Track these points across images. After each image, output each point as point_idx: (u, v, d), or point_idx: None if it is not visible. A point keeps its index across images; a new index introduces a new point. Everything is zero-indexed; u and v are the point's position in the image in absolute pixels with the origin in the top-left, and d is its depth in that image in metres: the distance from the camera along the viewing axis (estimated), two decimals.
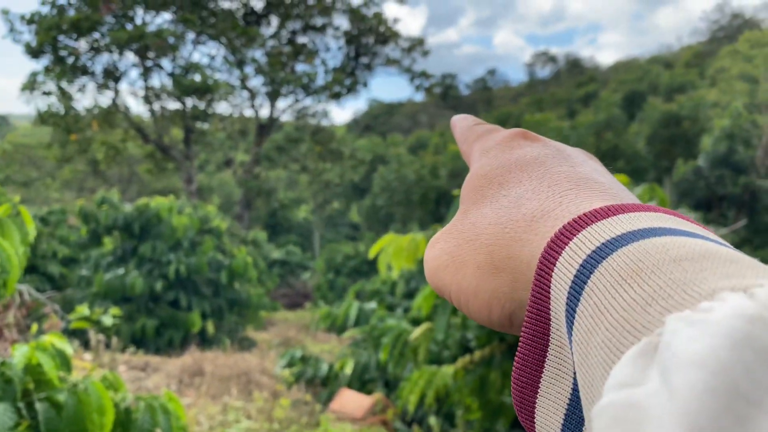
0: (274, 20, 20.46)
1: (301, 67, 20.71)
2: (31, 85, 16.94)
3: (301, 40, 20.83)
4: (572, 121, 24.58)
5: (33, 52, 16.67)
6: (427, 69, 22.48)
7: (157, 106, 18.78)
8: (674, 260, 0.19)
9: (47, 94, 17.14)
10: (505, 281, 0.26)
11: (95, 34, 16.88)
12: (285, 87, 19.90)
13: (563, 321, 0.22)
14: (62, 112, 17.32)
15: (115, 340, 6.97)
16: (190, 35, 18.52)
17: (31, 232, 1.78)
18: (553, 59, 51.24)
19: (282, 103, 27.08)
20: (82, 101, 37.58)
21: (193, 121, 18.56)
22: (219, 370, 6.58)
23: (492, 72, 48.75)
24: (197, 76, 17.82)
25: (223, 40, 18.78)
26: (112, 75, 17.84)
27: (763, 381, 0.14)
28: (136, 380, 6.20)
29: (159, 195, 10.58)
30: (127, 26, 17.23)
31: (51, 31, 16.28)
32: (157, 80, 31.59)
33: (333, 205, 26.71)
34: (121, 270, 8.70)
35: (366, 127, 39.35)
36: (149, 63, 18.03)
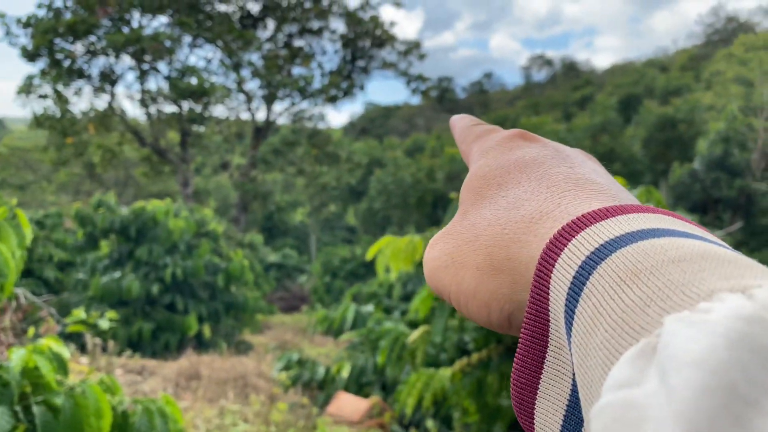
0: (271, 23, 20.47)
1: (297, 71, 20.73)
2: (27, 88, 16.90)
3: (298, 43, 20.85)
4: (568, 124, 24.64)
5: (29, 55, 16.62)
6: (424, 72, 22.56)
7: (153, 109, 18.75)
8: (673, 261, 0.19)
9: (43, 97, 17.10)
10: (504, 282, 0.27)
11: (91, 38, 16.85)
12: (281, 90, 19.88)
13: (562, 322, 0.22)
14: (58, 115, 17.27)
15: (112, 343, 6.92)
16: (187, 38, 18.51)
17: (27, 236, 1.78)
18: (549, 62, 51.47)
19: (278, 107, 27.12)
20: (79, 104, 37.43)
21: (189, 124, 18.53)
22: (216, 374, 6.57)
23: (488, 75, 48.99)
24: (194, 80, 17.80)
25: (220, 43, 18.77)
26: (109, 78, 17.80)
27: (760, 381, 0.14)
28: (132, 384, 6.18)
29: (155, 198, 10.56)
30: (124, 29, 17.19)
31: (47, 34, 16.24)
32: (153, 83, 31.44)
33: (329, 208, 26.70)
34: (117, 273, 8.68)
35: (362, 130, 39.41)
36: (145, 66, 18.00)
